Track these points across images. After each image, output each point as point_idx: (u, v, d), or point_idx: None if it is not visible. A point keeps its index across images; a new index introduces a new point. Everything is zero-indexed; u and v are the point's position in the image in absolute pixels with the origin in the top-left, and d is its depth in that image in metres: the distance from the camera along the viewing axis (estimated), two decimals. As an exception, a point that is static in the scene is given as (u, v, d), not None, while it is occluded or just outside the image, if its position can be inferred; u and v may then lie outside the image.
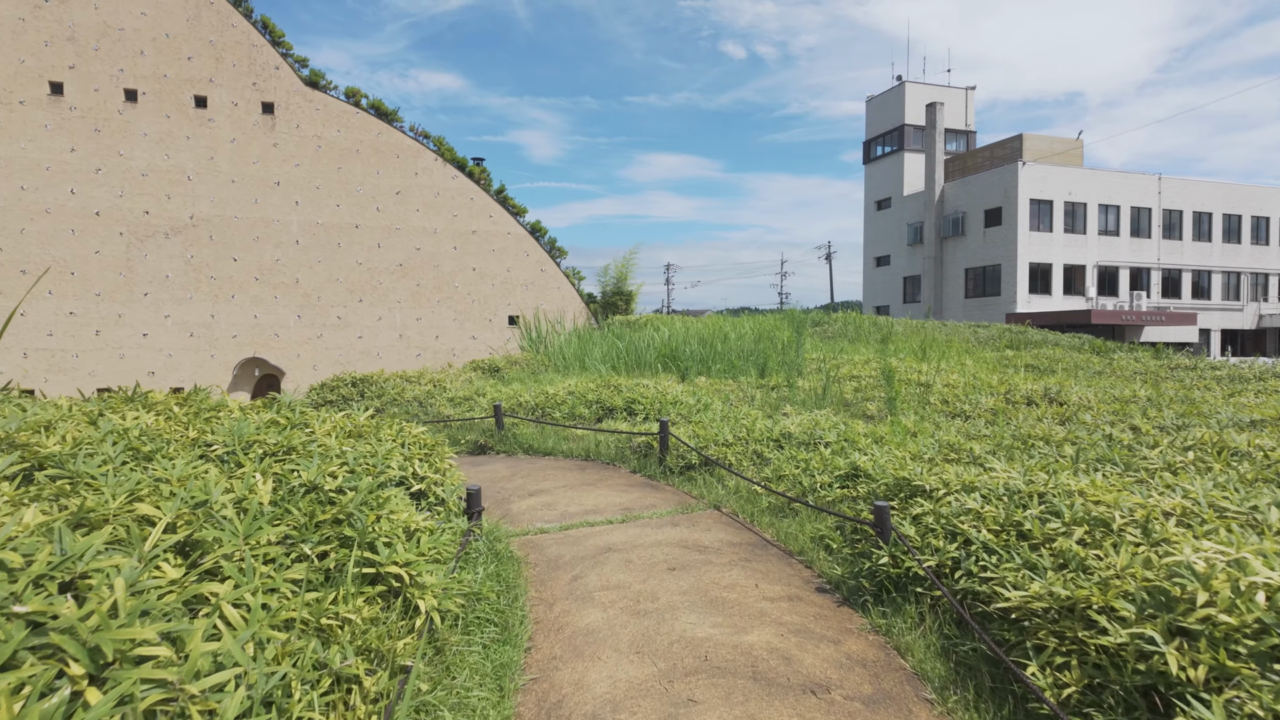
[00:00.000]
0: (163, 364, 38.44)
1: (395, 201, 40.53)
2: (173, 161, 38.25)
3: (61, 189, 37.23)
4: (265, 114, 39.14)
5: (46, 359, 37.23)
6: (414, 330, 41.04)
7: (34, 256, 36.94)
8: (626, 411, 9.15)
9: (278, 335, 39.50)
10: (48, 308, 37.19)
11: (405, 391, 10.45)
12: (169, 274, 38.34)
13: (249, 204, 39.03)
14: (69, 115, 37.28)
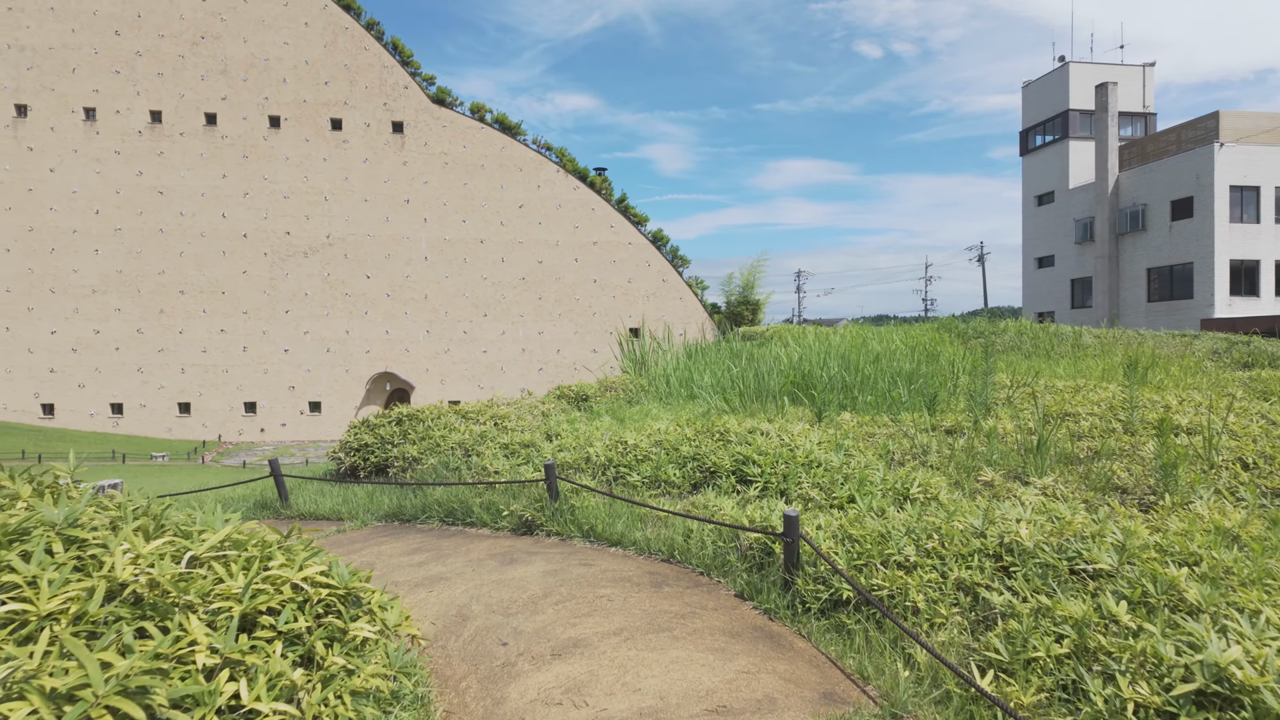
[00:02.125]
0: (302, 378, 38.73)
1: (518, 215, 39.05)
2: (311, 183, 38.56)
3: (214, 213, 38.32)
4: (395, 133, 38.77)
5: (200, 374, 38.36)
6: (536, 344, 39.33)
7: (191, 277, 38.15)
8: (735, 475, 5.90)
9: (408, 350, 38.90)
10: (202, 326, 38.31)
11: (451, 434, 7.60)
12: (308, 291, 38.62)
13: (380, 222, 38.74)
14: (221, 144, 38.36)
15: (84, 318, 37.01)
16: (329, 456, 8.35)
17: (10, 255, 36.50)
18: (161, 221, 37.28)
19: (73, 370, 37.05)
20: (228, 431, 37.76)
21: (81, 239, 36.89)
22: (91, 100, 36.96)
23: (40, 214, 36.70)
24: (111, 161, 36.99)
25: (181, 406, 37.72)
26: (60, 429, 36.49)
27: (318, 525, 6.64)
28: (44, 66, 36.75)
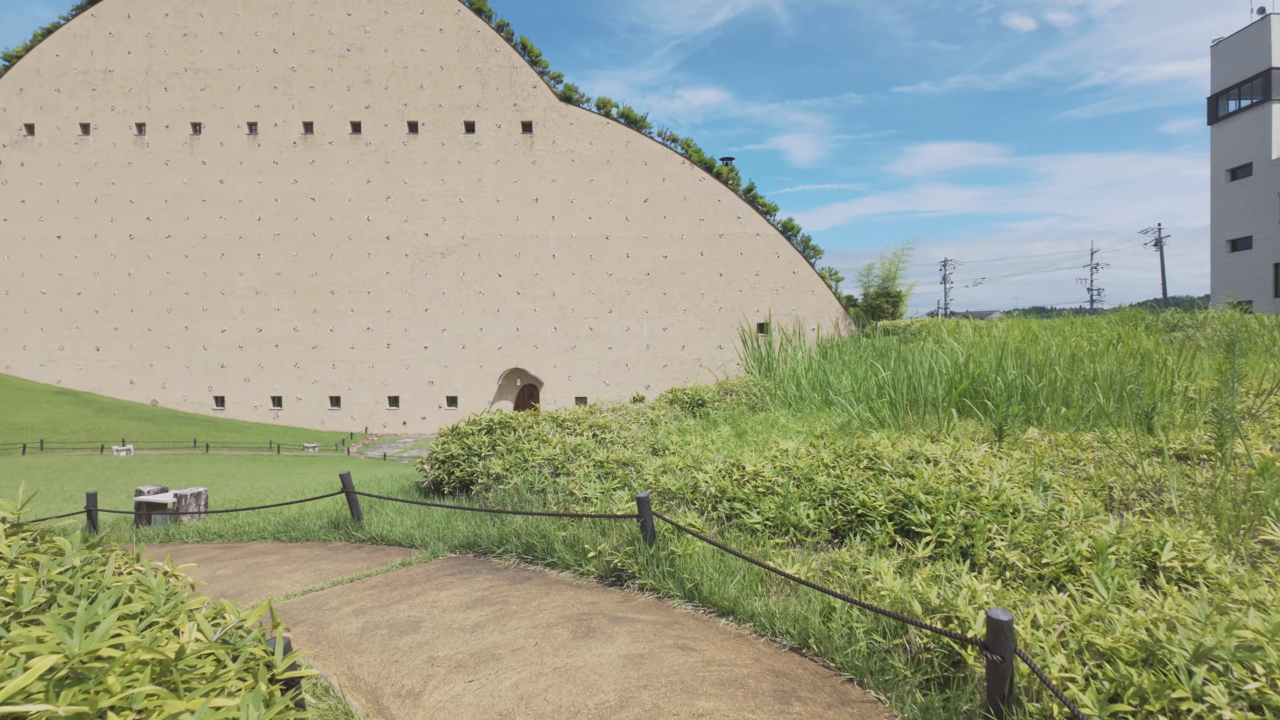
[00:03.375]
0: (440, 374, 39.74)
1: (643, 209, 38.12)
2: (447, 185, 39.40)
3: (360, 217, 40.00)
4: (525, 133, 38.88)
5: (350, 370, 40.20)
6: (660, 340, 38.27)
7: (339, 278, 40.05)
8: (895, 521, 4.31)
9: (537, 347, 38.99)
10: (350, 324, 40.12)
11: (542, 448, 6.44)
12: (445, 291, 39.52)
13: (511, 221, 39.01)
14: (365, 150, 39.96)
15: (248, 317, 39.63)
16: (416, 467, 7.41)
17: (188, 260, 39.64)
18: (314, 226, 39.28)
19: (239, 366, 39.80)
20: (373, 424, 39.29)
21: (246, 244, 39.50)
22: (254, 115, 39.44)
23: (212, 222, 39.63)
24: (271, 171, 39.33)
25: (332, 400, 39.63)
26: (229, 419, 39.33)
27: (386, 553, 5.66)
28: (214, 87, 39.60)
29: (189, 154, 39.65)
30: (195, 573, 5.40)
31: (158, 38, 39.72)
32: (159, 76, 39.75)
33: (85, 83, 39.92)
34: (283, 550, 5.95)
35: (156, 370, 40.01)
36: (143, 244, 39.77)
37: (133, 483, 17.35)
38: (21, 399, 35.55)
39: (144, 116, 39.78)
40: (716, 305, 37.30)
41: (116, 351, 39.98)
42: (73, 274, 39.88)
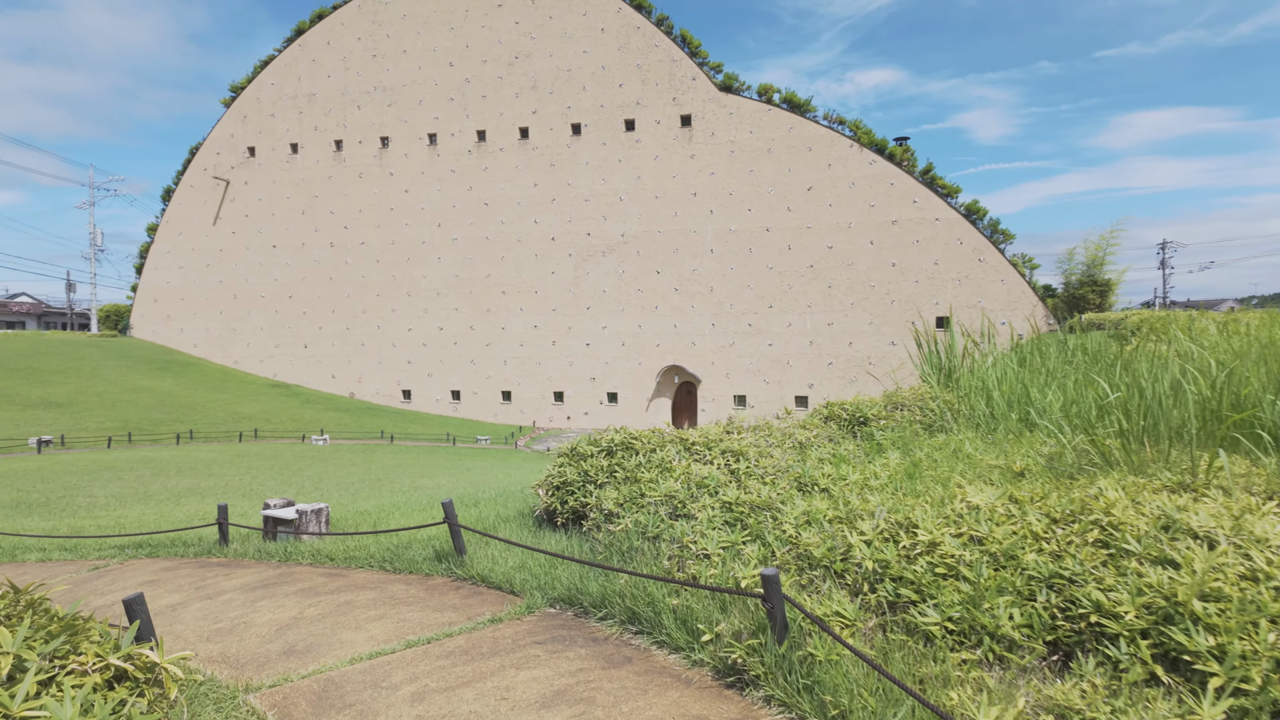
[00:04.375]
0: (601, 370, 40.06)
1: (806, 199, 36.01)
2: (608, 185, 39.53)
3: (528, 220, 41.18)
4: (683, 127, 38.08)
5: (519, 366, 41.60)
6: (825, 336, 35.98)
7: (509, 279, 41.49)
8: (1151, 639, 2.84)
9: (694, 344, 38.16)
10: (519, 322, 41.47)
11: (663, 480, 5.43)
12: (605, 289, 39.74)
13: (669, 217, 38.41)
14: (532, 155, 41.05)
15: (431, 317, 42.08)
16: (532, 489, 6.66)
17: (379, 265, 42.75)
18: (487, 230, 40.91)
19: (423, 362, 42.39)
20: (540, 418, 40.35)
21: (428, 249, 41.93)
22: (433, 127, 41.73)
23: (399, 229, 42.45)
24: (449, 179, 41.44)
25: (504, 394, 41.16)
26: (415, 411, 42.03)
27: (481, 598, 4.90)
28: (399, 102, 42.33)
29: (379, 166, 42.72)
30: (284, 610, 4.92)
31: (351, 60, 43.10)
32: (353, 96, 43.14)
33: (294, 106, 44.17)
34: (380, 587, 5.38)
35: (353, 366, 43.59)
36: (341, 251, 43.42)
37: (320, 473, 18.42)
38: (244, 390, 40.06)
39: (341, 134, 43.37)
40: (888, 298, 34.49)
41: (320, 348, 44.00)
42: (285, 279, 44.36)
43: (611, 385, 39.13)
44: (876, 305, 34.69)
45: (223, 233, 45.36)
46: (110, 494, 12.74)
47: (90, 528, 8.79)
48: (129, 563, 6.89)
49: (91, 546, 7.50)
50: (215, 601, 5.31)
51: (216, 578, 6.01)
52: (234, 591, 5.53)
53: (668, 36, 37.68)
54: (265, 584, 5.70)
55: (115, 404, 32.53)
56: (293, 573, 6.03)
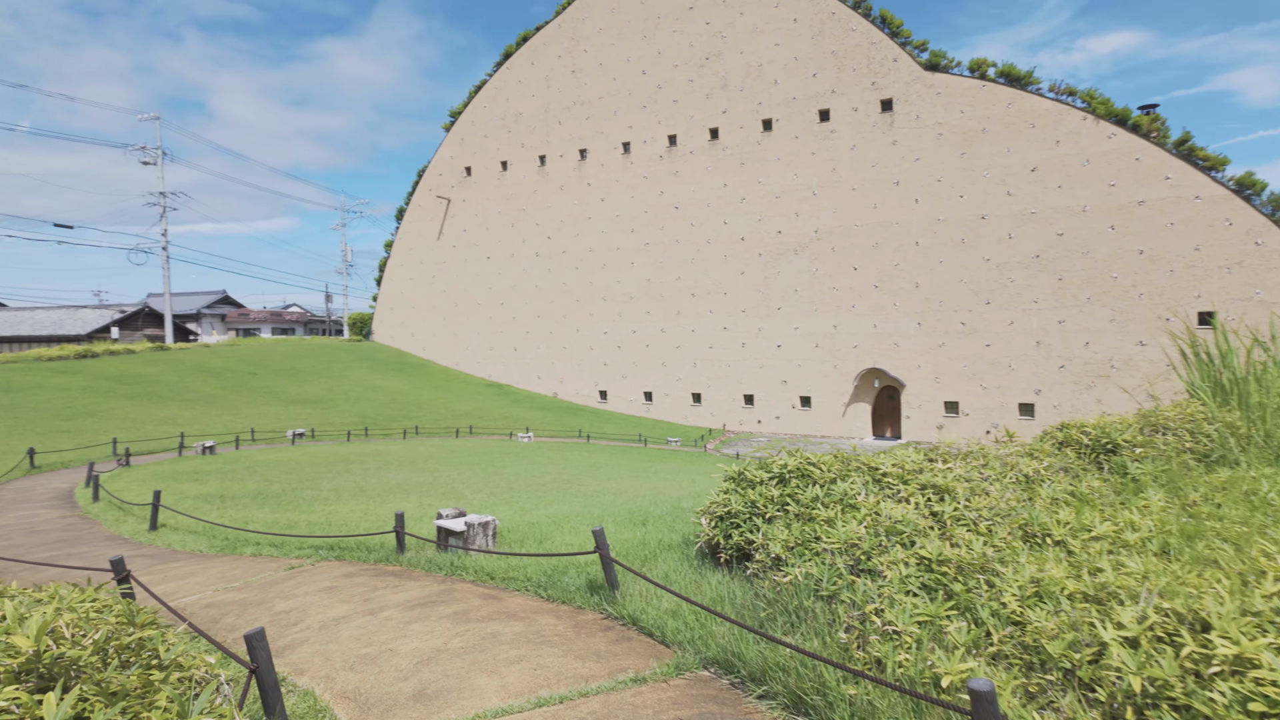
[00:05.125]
0: (793, 373, 38.54)
1: (1029, 181, 31.95)
2: (800, 180, 37.93)
3: (717, 221, 40.69)
4: (884, 112, 35.51)
5: (709, 368, 41.26)
6: (1055, 336, 31.67)
7: (699, 281, 41.28)
8: None
9: (897, 345, 35.42)
10: (708, 324, 41.13)
11: (844, 523, 4.49)
12: (797, 288, 38.17)
13: (868, 210, 36.00)
14: (722, 155, 40.50)
15: (625, 320, 43.03)
16: (694, 516, 5.99)
17: (578, 272, 44.48)
18: (677, 234, 41.03)
19: (618, 363, 43.47)
20: (730, 421, 39.73)
21: (622, 254, 42.91)
22: (627, 135, 42.61)
23: (596, 237, 43.87)
24: (641, 186, 42.10)
25: (694, 397, 41.05)
26: (610, 411, 43.22)
27: (629, 645, 4.33)
28: (595, 115, 43.73)
29: (577, 177, 44.45)
30: (431, 637, 4.68)
31: (553, 78, 45.24)
32: (554, 112, 45.27)
33: (503, 126, 47.27)
34: (529, 618, 5.01)
35: (556, 367, 45.76)
36: (545, 259, 45.74)
37: (518, 472, 19.17)
38: (463, 390, 43.51)
39: (544, 149, 45.70)
40: (1135, 291, 29.69)
41: (528, 351, 46.69)
42: (497, 287, 47.61)
43: (804, 389, 37.52)
44: (1119, 300, 29.99)
45: (445, 246, 49.69)
46: (333, 488, 13.95)
47: (302, 523, 9.47)
48: (320, 564, 7.18)
49: (294, 545, 7.97)
50: (375, 619, 5.22)
51: (385, 590, 5.99)
52: (395, 609, 5.43)
53: (865, 19, 35.36)
54: (425, 601, 5.56)
55: (357, 401, 36.65)
56: (453, 590, 5.86)
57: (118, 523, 10.31)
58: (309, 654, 4.60)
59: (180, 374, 35.33)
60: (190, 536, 8.99)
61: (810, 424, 37.12)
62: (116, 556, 5.25)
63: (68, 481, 14.92)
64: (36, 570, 7.09)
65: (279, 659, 4.56)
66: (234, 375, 37.19)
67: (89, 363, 34.26)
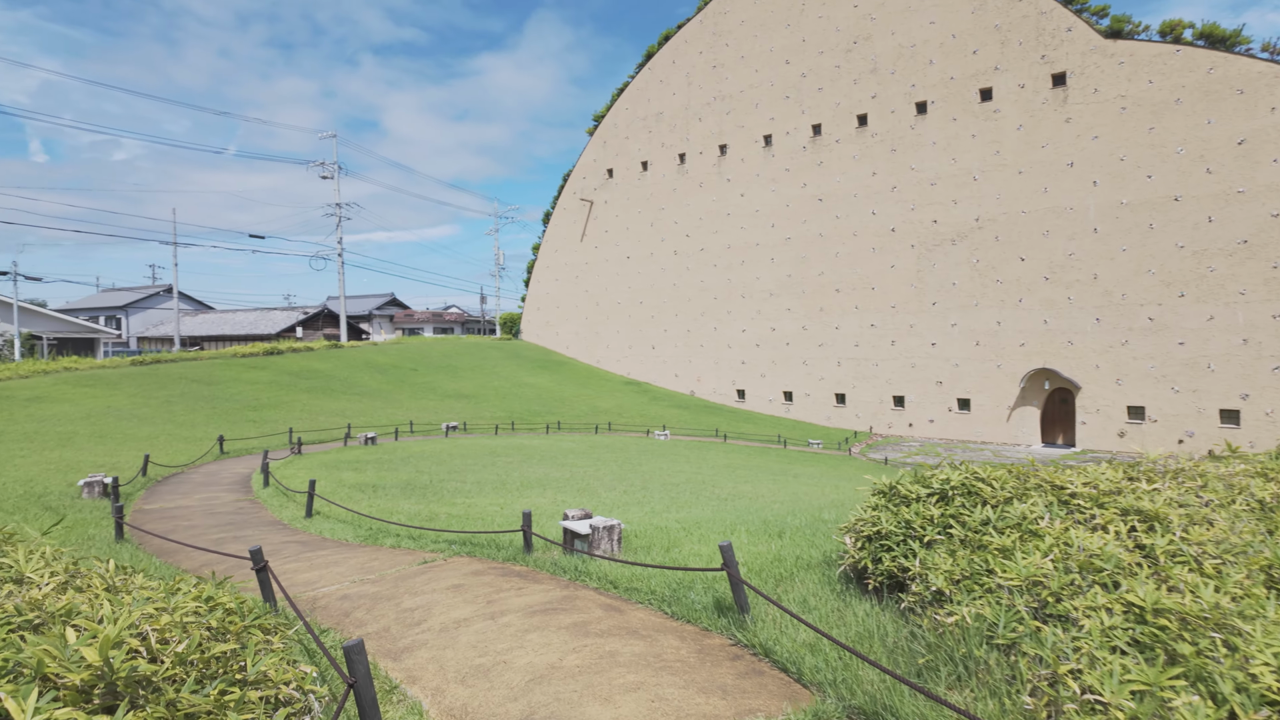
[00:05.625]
0: (949, 374, 35.83)
1: (1235, 156, 27.68)
2: (959, 165, 35.17)
3: (864, 212, 38.62)
4: (1055, 87, 32.14)
5: (853, 367, 39.29)
6: (1267, 333, 27.19)
7: (844, 276, 39.38)
8: None
9: (1071, 342, 31.96)
10: (854, 321, 39.15)
11: (1021, 552, 3.78)
12: (955, 281, 35.43)
13: (1036, 194, 32.74)
14: (870, 142, 38.36)
15: (764, 318, 41.97)
16: (838, 534, 5.35)
17: (716, 269, 43.92)
18: (821, 227, 39.44)
19: (756, 362, 42.49)
20: (878, 424, 37.69)
21: (761, 250, 41.86)
22: (768, 128, 41.50)
23: (734, 233, 43.11)
24: (783, 179, 40.85)
25: (838, 397, 39.32)
26: (748, 411, 42.33)
27: (760, 682, 3.80)
28: (737, 109, 42.94)
29: (717, 174, 43.87)
30: (548, 651, 4.38)
31: (694, 75, 44.91)
32: (695, 109, 44.93)
33: (644, 127, 47.54)
34: (651, 637, 4.59)
35: (693, 365, 45.46)
36: (683, 258, 45.55)
37: (652, 470, 18.99)
38: (603, 387, 44.23)
39: (684, 147, 45.48)
40: (1375, 279, 25.03)
41: (666, 349, 46.72)
42: (636, 286, 47.99)
43: (962, 390, 34.84)
44: (1355, 289, 25.41)
45: (587, 247, 50.77)
46: (476, 480, 14.32)
47: (443, 516, 9.64)
48: (451, 560, 7.16)
49: (430, 539, 8.05)
50: (494, 624, 5.01)
51: (509, 592, 5.80)
52: (515, 614, 5.20)
53: (1034, -14, 32.21)
54: (546, 608, 5.30)
55: (506, 397, 38.16)
56: (576, 597, 5.57)
57: (280, 508, 11.02)
58: (425, 659, 4.43)
59: (351, 370, 38.33)
60: (339, 525, 9.38)
61: (969, 429, 34.43)
62: (255, 547, 5.38)
63: (248, 467, 16.33)
64: (193, 555, 7.56)
65: (395, 663, 4.42)
66: (397, 371, 39.86)
67: (275, 359, 37.94)
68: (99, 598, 3.09)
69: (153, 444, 19.22)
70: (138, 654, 2.38)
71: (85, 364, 30.70)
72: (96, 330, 48.78)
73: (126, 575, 4.08)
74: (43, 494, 11.12)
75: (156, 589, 3.46)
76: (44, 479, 12.57)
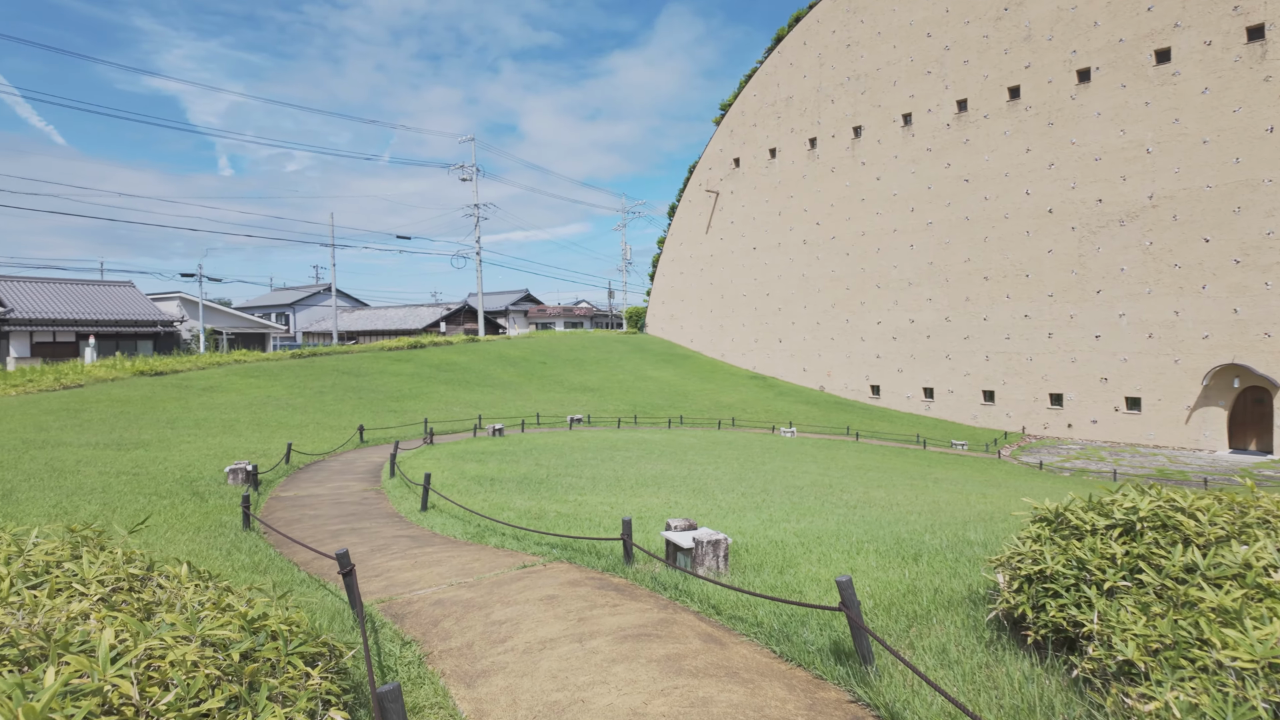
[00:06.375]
0: (1116, 369, 32.04)
1: None
2: (1128, 137, 31.27)
3: (1017, 192, 35.25)
4: (1250, 42, 27.77)
5: (1004, 361, 36.05)
6: None
7: (993, 263, 36.17)
8: None
9: (1268, 335, 27.60)
10: (1005, 311, 35.89)
11: (1258, 619, 2.78)
12: (1123, 267, 31.59)
13: (1225, 166, 28.48)
14: (1023, 116, 34.90)
15: (901, 309, 39.52)
16: (988, 568, 4.44)
17: (848, 258, 41.84)
18: (966, 209, 36.56)
19: (892, 356, 40.10)
20: (1031, 424, 34.52)
21: (899, 237, 39.40)
22: (907, 106, 38.92)
23: (869, 219, 40.85)
24: (924, 160, 38.21)
25: (985, 394, 36.38)
26: (883, 408, 40.05)
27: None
28: (873, 88, 40.59)
29: (850, 157, 41.73)
30: (633, 692, 3.83)
31: (826, 55, 42.90)
32: (827, 90, 42.94)
33: (773, 113, 46.03)
34: (753, 684, 3.92)
35: (823, 359, 43.62)
36: (813, 247, 43.74)
37: (775, 471, 18.11)
38: (727, 381, 43.35)
39: (815, 131, 43.61)
40: None
41: (793, 343, 45.14)
42: (763, 277, 46.66)
43: (1131, 388, 31.16)
44: None
45: (713, 239, 49.95)
46: (592, 476, 14.07)
47: (551, 514, 9.36)
48: (550, 565, 6.79)
49: (533, 540, 7.74)
50: (581, 648, 4.52)
51: (602, 609, 5.30)
52: (605, 637, 4.69)
53: (1227, -75, 28.05)
54: (639, 633, 4.75)
55: (629, 390, 38.20)
56: (673, 622, 4.98)
57: (401, 500, 11.18)
58: (499, 689, 4.00)
59: (485, 362, 39.73)
60: (451, 520, 9.30)
61: (1139, 431, 30.75)
62: (342, 550, 5.18)
63: (383, 456, 16.97)
64: (297, 552, 7.63)
65: (469, 689, 4.02)
66: (527, 364, 40.92)
67: (417, 352, 39.97)
68: (132, 617, 2.82)
69: (302, 432, 20.52)
70: (113, 712, 2.02)
71: (253, 356, 33.59)
72: (267, 326, 53.61)
73: (200, 581, 3.89)
74: (195, 479, 11.90)
75: (204, 600, 3.19)
76: (201, 464, 13.53)
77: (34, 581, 3.31)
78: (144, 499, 9.90)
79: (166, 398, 23.24)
